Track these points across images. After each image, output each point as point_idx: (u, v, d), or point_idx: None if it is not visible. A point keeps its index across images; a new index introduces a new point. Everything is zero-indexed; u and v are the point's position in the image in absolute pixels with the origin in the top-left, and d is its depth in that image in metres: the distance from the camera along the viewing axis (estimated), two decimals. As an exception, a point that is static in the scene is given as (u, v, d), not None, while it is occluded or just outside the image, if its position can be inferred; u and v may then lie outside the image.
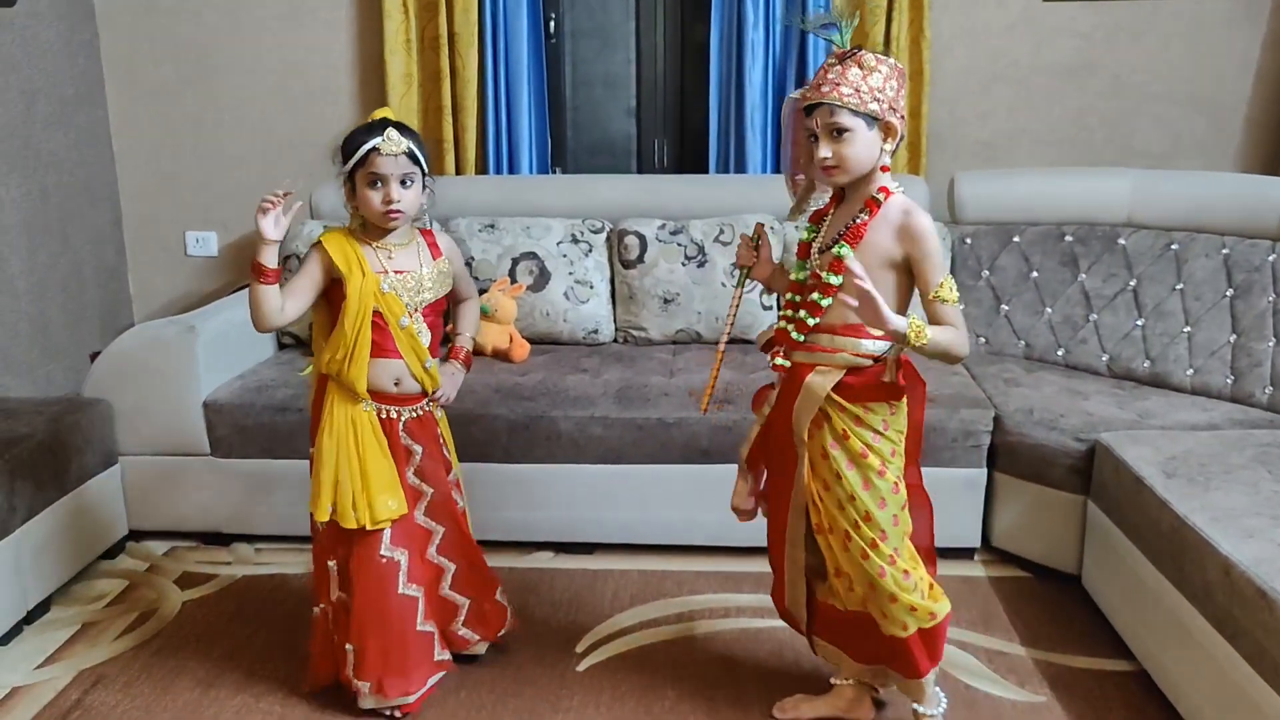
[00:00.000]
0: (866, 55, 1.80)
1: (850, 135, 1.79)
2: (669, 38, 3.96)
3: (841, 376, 1.88)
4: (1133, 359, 3.01)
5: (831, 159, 1.81)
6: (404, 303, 2.04)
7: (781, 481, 2.03)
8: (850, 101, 1.77)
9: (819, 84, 1.80)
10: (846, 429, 1.89)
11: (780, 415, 1.98)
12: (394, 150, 1.95)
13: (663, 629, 2.53)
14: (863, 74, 1.78)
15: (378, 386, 2.07)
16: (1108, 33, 3.62)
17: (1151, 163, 3.63)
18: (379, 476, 2.04)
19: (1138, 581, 2.29)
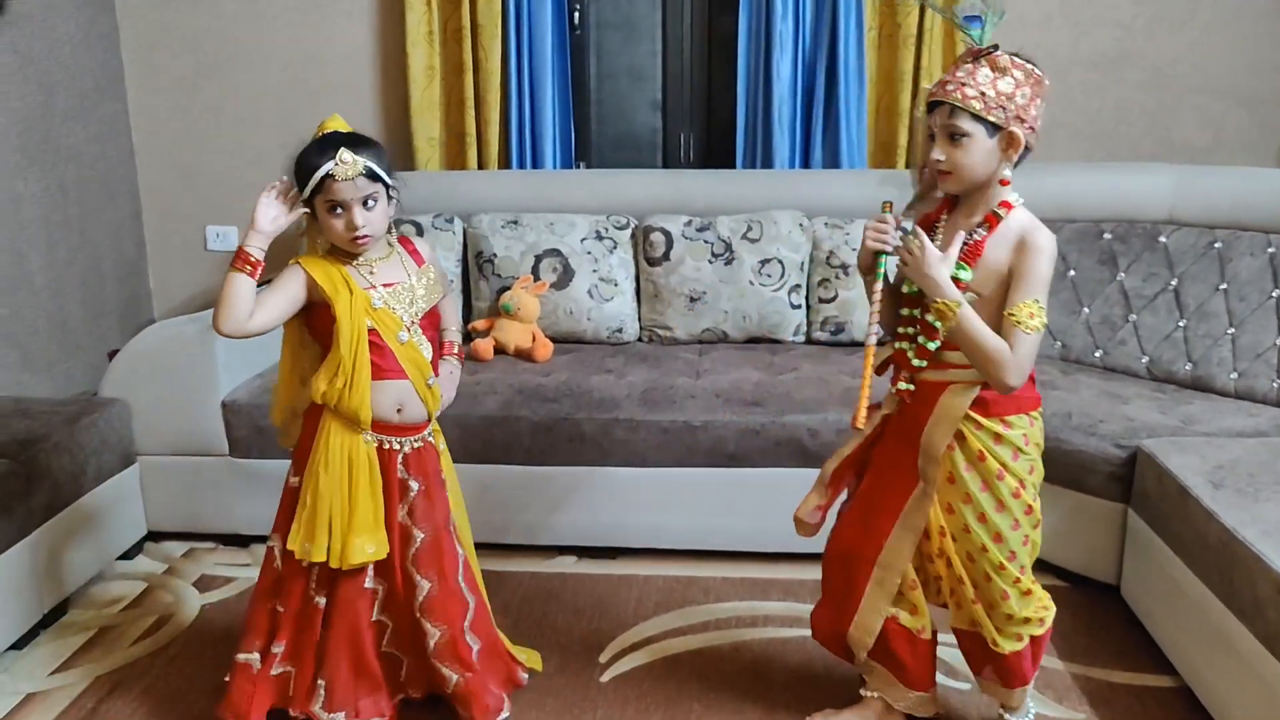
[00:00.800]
0: (1002, 56, 1.69)
1: (967, 141, 1.69)
2: (696, 29, 3.88)
3: (977, 392, 1.80)
4: (1174, 361, 2.91)
5: (944, 163, 1.72)
6: (399, 316, 1.90)
7: (885, 504, 1.92)
8: (973, 105, 1.67)
9: (946, 81, 1.71)
10: (984, 449, 1.81)
11: (898, 435, 1.91)
12: (349, 174, 1.78)
13: (689, 638, 2.47)
14: (993, 77, 1.68)
15: (379, 415, 1.91)
16: (1147, 23, 3.52)
17: (1193, 157, 3.53)
18: (363, 518, 1.88)
19: (1181, 594, 2.21)
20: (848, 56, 3.50)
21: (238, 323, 1.79)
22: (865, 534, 1.94)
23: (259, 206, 1.82)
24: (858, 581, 1.95)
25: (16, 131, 3.25)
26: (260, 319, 1.82)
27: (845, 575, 1.98)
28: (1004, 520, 1.83)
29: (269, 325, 1.85)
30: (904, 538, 1.90)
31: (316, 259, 1.89)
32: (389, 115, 3.79)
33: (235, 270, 1.80)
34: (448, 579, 1.99)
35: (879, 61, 3.58)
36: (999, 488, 1.81)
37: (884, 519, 1.91)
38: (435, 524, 1.98)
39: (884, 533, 1.91)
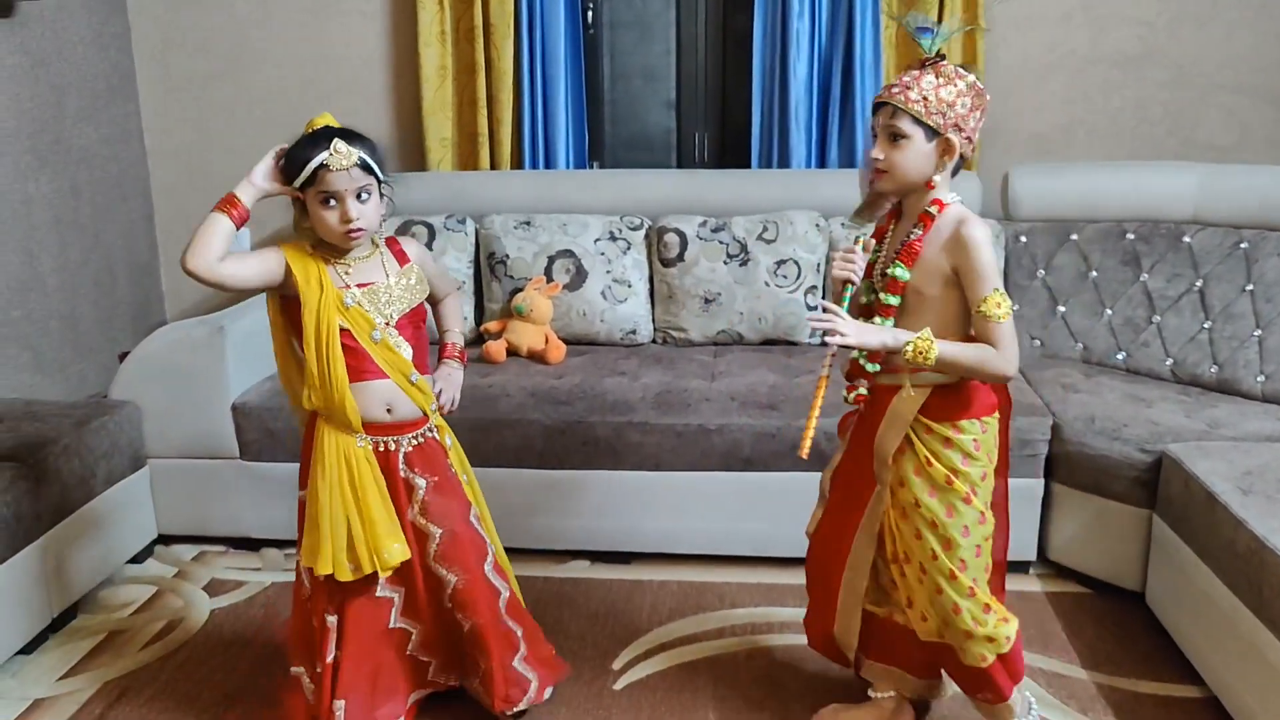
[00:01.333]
0: (947, 66, 1.74)
1: (905, 143, 1.73)
2: (710, 28, 3.84)
3: (928, 396, 1.81)
4: (1199, 364, 2.86)
5: (882, 161, 1.75)
6: (372, 316, 1.86)
7: (850, 506, 1.94)
8: (914, 108, 1.71)
9: (891, 85, 1.76)
10: (931, 455, 1.81)
11: (861, 440, 1.92)
12: (344, 164, 1.75)
13: (703, 644, 2.43)
14: (937, 84, 1.72)
15: (370, 416, 1.87)
16: (1170, 20, 3.45)
17: (1217, 156, 3.47)
18: (382, 522, 1.85)
19: (1209, 603, 2.15)
20: (864, 54, 3.45)
21: (207, 262, 1.74)
22: (836, 538, 1.97)
23: (262, 161, 1.80)
24: (833, 584, 1.98)
25: (28, 133, 3.24)
26: (231, 267, 1.78)
27: (823, 579, 2.02)
28: (954, 525, 1.81)
29: (237, 277, 1.80)
30: (865, 540, 1.92)
31: (300, 250, 1.86)
32: (401, 115, 3.77)
33: (217, 210, 1.77)
34: (474, 570, 1.97)
35: (896, 59, 3.53)
36: (948, 493, 1.81)
37: (848, 523, 1.94)
38: (452, 518, 1.95)
39: (850, 536, 1.94)
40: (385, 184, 1.86)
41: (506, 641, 2.01)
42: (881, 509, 1.88)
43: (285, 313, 1.90)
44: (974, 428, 1.82)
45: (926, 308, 1.79)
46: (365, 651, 1.95)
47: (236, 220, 1.77)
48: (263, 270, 1.83)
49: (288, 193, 1.82)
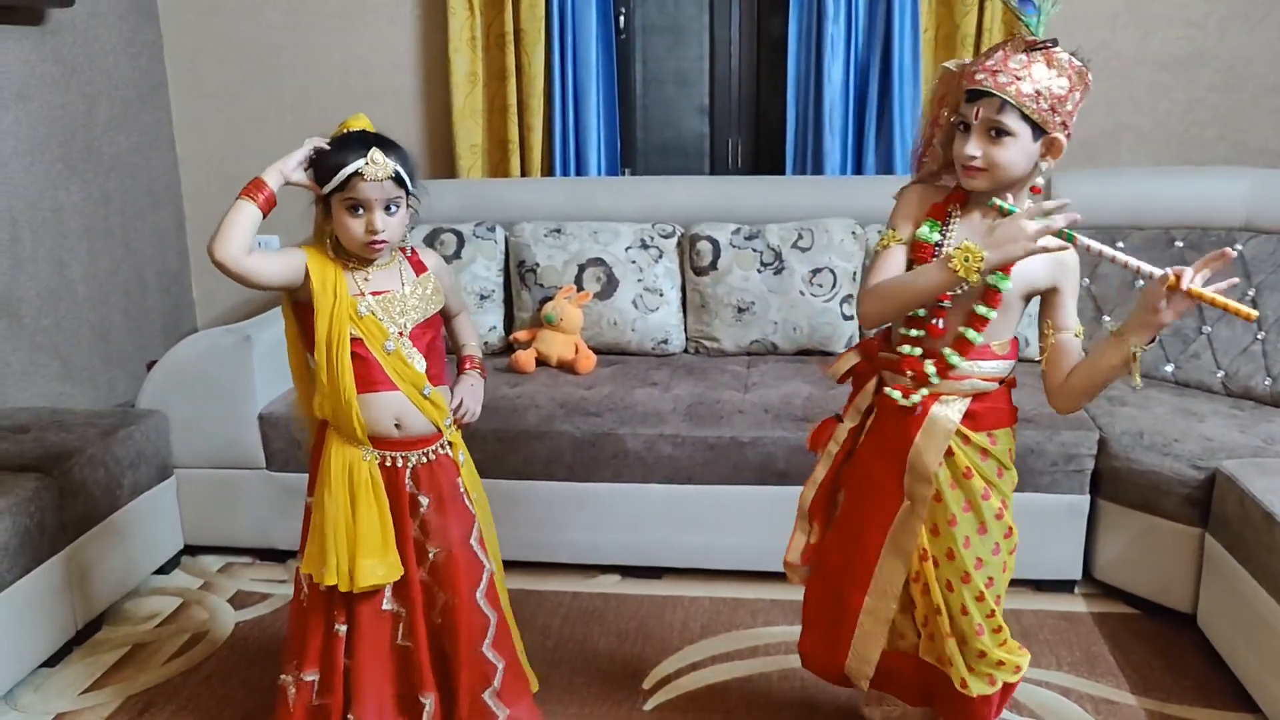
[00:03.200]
0: (1060, 53, 1.55)
1: (1011, 140, 1.55)
2: (744, 33, 3.78)
3: (969, 404, 1.69)
4: (1251, 376, 2.75)
5: (980, 160, 1.57)
6: (386, 326, 1.80)
7: (870, 524, 1.78)
8: (1026, 103, 1.52)
9: (995, 69, 1.54)
10: (971, 465, 1.70)
11: (877, 451, 1.78)
12: (378, 175, 1.71)
13: (736, 664, 2.36)
14: (1050, 74, 1.53)
15: (378, 430, 1.81)
16: (1220, 21, 3.35)
17: (1269, 161, 3.36)
18: (369, 539, 1.79)
19: (1266, 627, 2.06)
20: (902, 58, 3.37)
21: (235, 253, 1.70)
22: (851, 559, 1.80)
23: (298, 150, 1.77)
24: (849, 610, 1.81)
25: (58, 141, 3.23)
26: (257, 262, 1.74)
27: (835, 603, 1.84)
28: (986, 544, 1.72)
29: (263, 274, 1.75)
30: (894, 562, 1.77)
31: (321, 253, 1.82)
32: (431, 122, 3.74)
33: (244, 197, 1.73)
34: (462, 594, 1.89)
35: (935, 63, 3.45)
36: (983, 508, 1.71)
37: (869, 542, 1.78)
38: (449, 539, 1.88)
39: (871, 557, 1.78)
40: (414, 196, 1.81)
41: (480, 673, 1.92)
42: (915, 526, 1.74)
43: (298, 317, 1.86)
44: (1007, 436, 1.74)
45: (1005, 310, 1.66)
46: (374, 666, 1.89)
47: (263, 206, 1.74)
48: (285, 269, 1.79)
49: (314, 189, 1.78)
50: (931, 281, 1.59)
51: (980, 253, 1.51)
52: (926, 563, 1.75)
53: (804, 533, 1.89)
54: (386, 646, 1.90)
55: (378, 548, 1.81)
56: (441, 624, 1.90)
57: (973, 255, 1.51)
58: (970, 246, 1.52)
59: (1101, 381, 1.61)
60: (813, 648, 1.92)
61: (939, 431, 1.68)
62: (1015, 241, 1.50)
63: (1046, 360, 1.68)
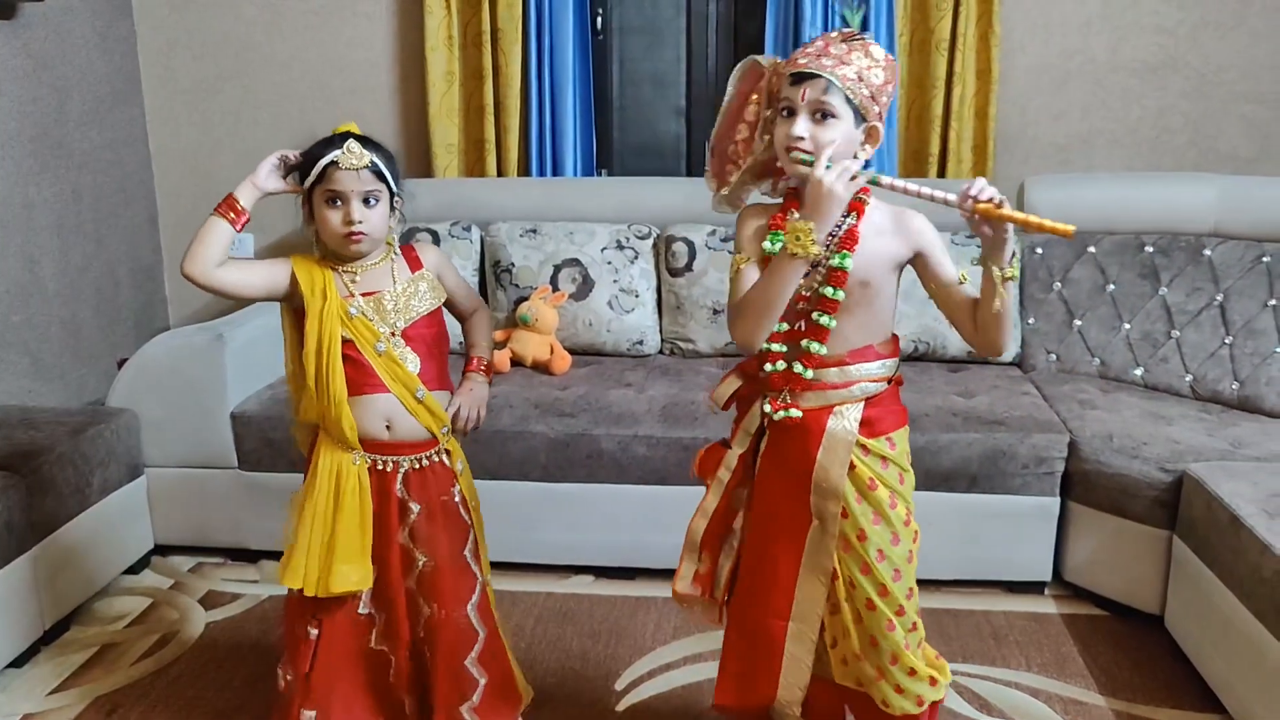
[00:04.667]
0: (875, 46, 1.57)
1: (835, 123, 1.55)
2: (721, 34, 3.78)
3: (862, 410, 1.64)
4: (1219, 380, 2.79)
5: (807, 141, 1.55)
6: (376, 327, 1.79)
7: (780, 549, 1.69)
8: (850, 86, 1.54)
9: (818, 54, 1.56)
10: (874, 476, 1.65)
11: (776, 471, 1.70)
12: (354, 164, 1.72)
13: (708, 664, 2.36)
14: (868, 64, 1.55)
15: (368, 433, 1.79)
16: (1192, 28, 3.38)
17: (1238, 167, 3.40)
18: (347, 545, 1.77)
19: (1232, 629, 2.08)
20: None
21: (204, 267, 1.70)
22: (769, 590, 1.71)
23: (264, 162, 1.76)
24: (774, 639, 1.71)
25: (29, 136, 3.20)
26: (231, 274, 1.74)
27: (760, 639, 1.73)
28: (900, 553, 1.67)
29: (237, 285, 1.75)
30: (813, 582, 1.68)
31: (308, 260, 1.81)
32: (407, 121, 3.72)
33: (217, 214, 1.73)
34: (451, 607, 1.86)
35: (910, 67, 3.47)
36: (892, 517, 1.65)
37: (783, 566, 1.69)
38: (439, 550, 1.86)
39: (788, 581, 1.69)
40: (397, 195, 1.81)
41: (458, 687, 1.89)
42: (829, 544, 1.66)
43: (296, 325, 1.84)
44: (903, 440, 1.70)
45: (872, 297, 1.63)
46: (341, 667, 1.87)
47: (236, 224, 1.73)
48: (268, 279, 1.79)
49: (293, 190, 1.78)
50: (781, 274, 1.56)
51: (806, 225, 1.52)
52: (837, 582, 1.69)
53: (693, 563, 1.80)
54: (357, 651, 1.88)
55: (355, 553, 1.79)
56: (426, 636, 1.87)
57: (800, 230, 1.52)
58: (795, 224, 1.53)
59: (992, 311, 1.55)
60: (732, 696, 1.79)
61: (839, 445, 1.63)
62: (828, 197, 1.51)
63: (950, 317, 1.65)
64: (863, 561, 1.66)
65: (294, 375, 1.89)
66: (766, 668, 1.72)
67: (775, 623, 1.71)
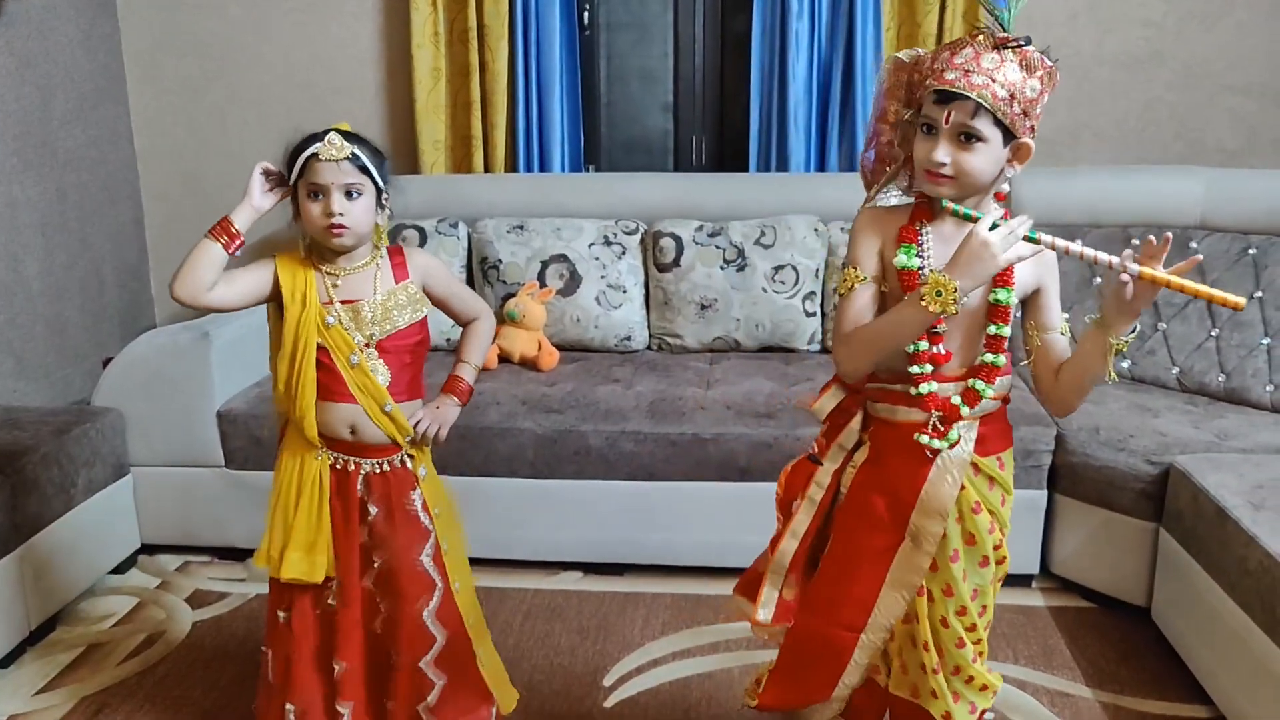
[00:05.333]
0: (1033, 52, 1.42)
1: (982, 146, 1.42)
2: (708, 30, 3.78)
3: (977, 429, 1.56)
4: (1206, 373, 2.79)
5: (949, 167, 1.44)
6: (352, 338, 1.76)
7: (864, 568, 1.63)
8: (1001, 108, 1.40)
9: (968, 69, 1.41)
10: (980, 499, 1.57)
11: (869, 488, 1.62)
12: (334, 155, 1.69)
13: (697, 660, 2.37)
14: (1023, 77, 1.41)
15: (331, 433, 1.78)
16: (1178, 20, 3.39)
17: (1224, 160, 3.41)
18: (302, 532, 1.78)
19: (1218, 620, 2.09)
20: (865, 57, 3.39)
21: (195, 290, 1.69)
22: (844, 603, 1.65)
23: (254, 180, 1.74)
24: (844, 650, 1.66)
25: (13, 135, 3.18)
26: (221, 293, 1.72)
27: (828, 647, 1.67)
28: (984, 576, 1.61)
29: (227, 302, 1.74)
30: (895, 597, 1.62)
31: (293, 260, 1.79)
32: (394, 117, 3.72)
33: (210, 237, 1.71)
34: (404, 609, 1.84)
35: (897, 61, 3.46)
36: (986, 541, 1.59)
37: (866, 584, 1.62)
38: (394, 551, 1.83)
39: (869, 599, 1.63)
40: (384, 192, 1.79)
41: (414, 686, 1.87)
42: (921, 563, 1.59)
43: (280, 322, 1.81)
44: (1010, 460, 1.63)
45: (971, 323, 1.54)
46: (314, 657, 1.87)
47: (229, 247, 1.71)
48: (254, 287, 1.77)
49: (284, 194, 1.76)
50: (910, 323, 1.47)
51: (952, 284, 1.40)
52: (921, 598, 1.63)
53: (776, 588, 1.70)
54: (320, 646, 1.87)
55: (306, 544, 1.79)
56: (385, 634, 1.86)
57: (945, 289, 1.40)
58: (939, 279, 1.41)
59: (1088, 376, 1.51)
60: (780, 698, 1.75)
61: (954, 465, 1.55)
62: (982, 261, 1.40)
63: (1035, 362, 1.58)
64: (946, 582, 1.60)
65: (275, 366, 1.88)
66: (827, 673, 1.68)
67: (846, 635, 1.65)
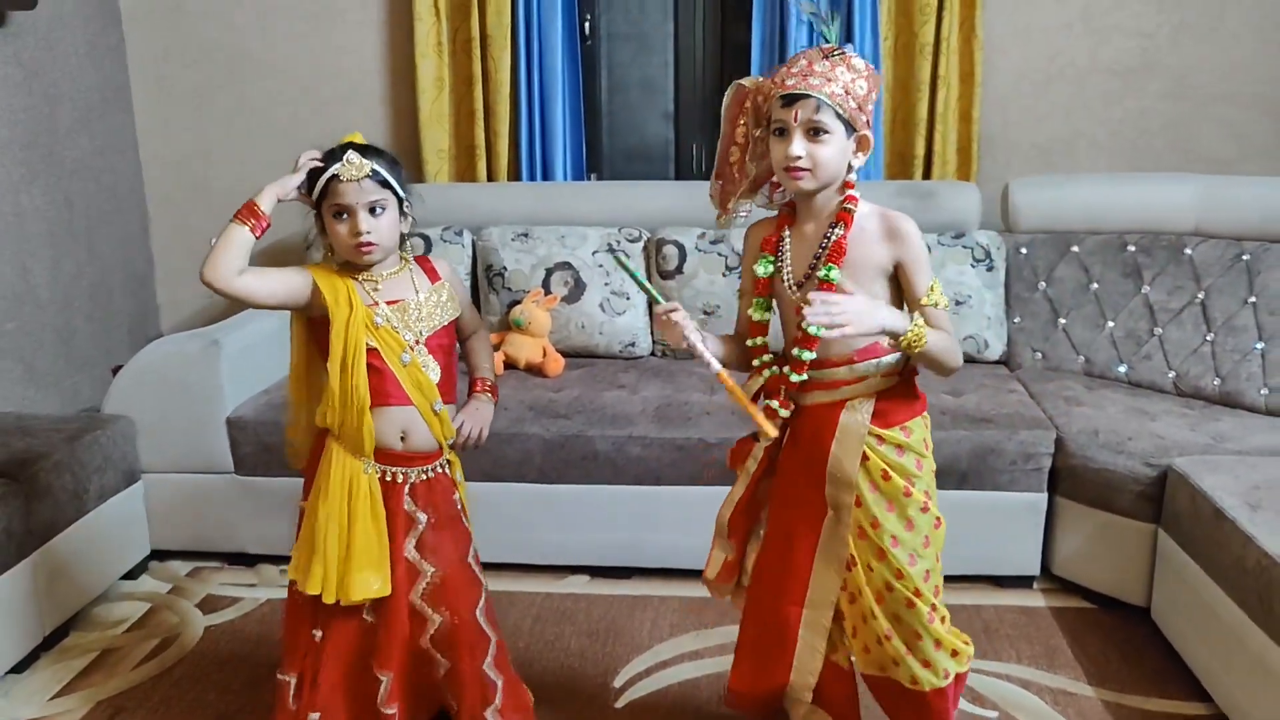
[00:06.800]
0: (855, 58, 1.65)
1: (829, 138, 1.63)
2: (708, 39, 3.83)
3: (874, 404, 1.73)
4: (1201, 377, 2.84)
5: (804, 160, 1.63)
6: (402, 336, 1.81)
7: (798, 539, 1.80)
8: (839, 102, 1.61)
9: (804, 74, 1.62)
10: (887, 466, 1.73)
11: (794, 464, 1.80)
12: (354, 175, 1.73)
13: (705, 661, 2.40)
14: (851, 77, 1.62)
15: (382, 443, 1.81)
16: (1171, 31, 3.45)
17: (1216, 168, 3.46)
18: (365, 552, 1.79)
19: (1217, 619, 2.13)
20: (864, 66, 3.44)
21: (225, 274, 1.71)
22: (785, 576, 1.82)
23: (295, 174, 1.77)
24: (789, 625, 1.83)
25: (20, 144, 3.21)
26: (251, 281, 1.74)
27: (776, 624, 1.84)
28: (916, 539, 1.75)
29: (255, 292, 1.75)
30: (827, 571, 1.79)
31: (328, 269, 1.83)
32: (398, 127, 3.75)
33: (237, 221, 1.73)
34: (464, 614, 1.89)
35: (895, 71, 3.52)
36: (906, 505, 1.74)
37: (800, 555, 1.80)
38: (448, 558, 1.88)
39: (804, 569, 1.80)
40: (405, 201, 1.82)
41: (481, 692, 1.92)
42: (843, 534, 1.76)
43: (313, 335, 1.85)
44: (920, 425, 1.77)
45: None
46: (345, 672, 1.89)
47: (256, 230, 1.73)
48: (287, 288, 1.79)
49: (307, 202, 1.80)
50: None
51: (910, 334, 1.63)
52: (856, 569, 1.77)
53: (723, 550, 1.92)
54: (359, 660, 1.90)
55: (374, 561, 1.80)
56: (439, 645, 1.89)
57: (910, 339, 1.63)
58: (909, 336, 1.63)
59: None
60: (748, 681, 1.91)
61: (852, 437, 1.72)
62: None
63: None
64: (877, 548, 1.75)
65: (298, 383, 1.91)
66: (780, 654, 1.84)
67: (791, 609, 1.82)
